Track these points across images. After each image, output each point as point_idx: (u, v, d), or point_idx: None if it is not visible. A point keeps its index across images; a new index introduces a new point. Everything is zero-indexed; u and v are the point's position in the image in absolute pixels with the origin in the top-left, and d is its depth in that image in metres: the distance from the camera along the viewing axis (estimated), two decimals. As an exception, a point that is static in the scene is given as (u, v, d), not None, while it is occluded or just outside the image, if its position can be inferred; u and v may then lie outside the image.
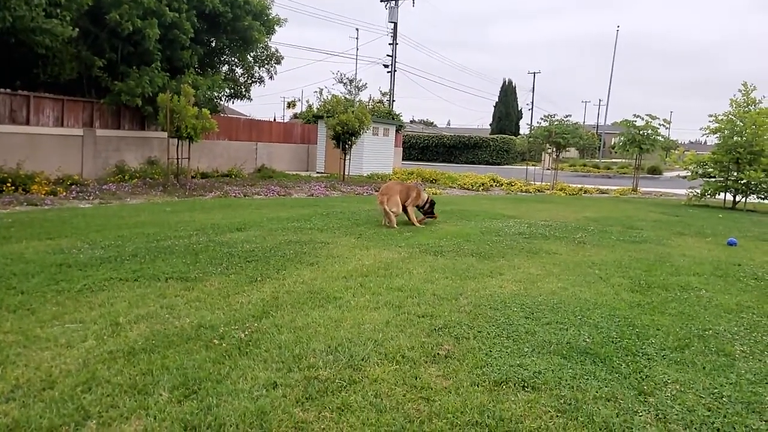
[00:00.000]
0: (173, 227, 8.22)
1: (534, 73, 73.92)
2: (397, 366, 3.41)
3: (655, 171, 41.30)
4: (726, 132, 16.54)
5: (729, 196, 16.88)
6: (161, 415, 2.72)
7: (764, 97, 16.80)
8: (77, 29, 12.83)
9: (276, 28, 19.62)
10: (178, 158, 14.77)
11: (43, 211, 9.87)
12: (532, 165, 29.12)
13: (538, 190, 20.27)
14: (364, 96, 30.30)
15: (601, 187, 23.14)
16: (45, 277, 5.07)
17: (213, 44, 18.73)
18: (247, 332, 3.86)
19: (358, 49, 53.88)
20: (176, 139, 14.49)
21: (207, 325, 3.96)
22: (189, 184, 14.65)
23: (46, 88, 14.59)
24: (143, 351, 3.47)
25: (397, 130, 27.39)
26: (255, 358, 3.43)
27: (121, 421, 2.66)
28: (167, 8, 14.58)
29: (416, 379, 3.25)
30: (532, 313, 4.55)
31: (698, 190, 17.07)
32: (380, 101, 32.62)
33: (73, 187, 12.82)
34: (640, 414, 2.96)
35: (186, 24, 15.29)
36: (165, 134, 14.89)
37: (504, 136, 51.78)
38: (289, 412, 2.79)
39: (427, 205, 9.76)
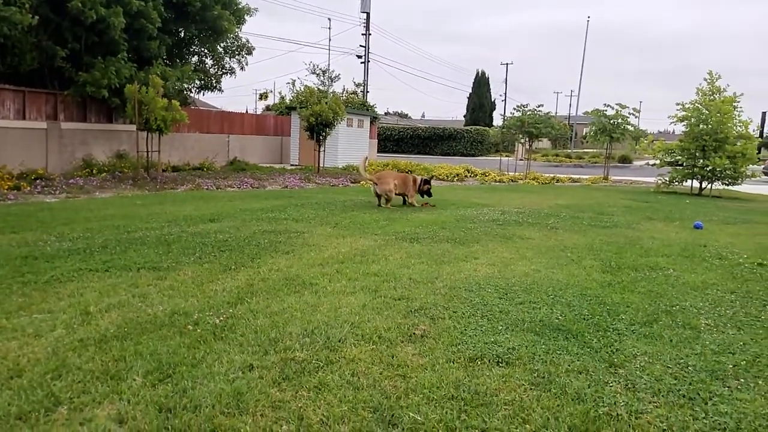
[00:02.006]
0: (144, 219, 8.08)
1: (507, 64, 74.62)
2: (374, 346, 3.43)
3: (625, 160, 42.12)
4: (692, 120, 16.93)
5: (696, 183, 17.32)
6: (135, 398, 2.68)
7: (728, 85, 17.28)
8: (37, 17, 12.44)
9: (246, 17, 19.33)
10: (148, 151, 14.48)
11: (6, 205, 9.59)
12: (506, 156, 29.42)
13: (512, 180, 20.49)
14: (337, 87, 30.16)
15: (573, 176, 23.49)
16: (10, 269, 4.94)
17: (182, 34, 18.37)
18: (222, 318, 3.83)
19: (330, 40, 53.59)
20: (146, 132, 14.19)
21: (181, 312, 3.91)
22: (160, 178, 14.40)
23: (5, 79, 14.12)
24: (115, 338, 3.42)
25: (371, 122, 27.32)
26: (231, 343, 3.41)
27: (94, 406, 2.62)
28: (132, -4, 14.23)
29: (393, 357, 3.27)
30: (506, 294, 4.61)
31: (666, 178, 17.47)
32: (354, 92, 32.48)
33: (37, 181, 12.48)
34: (611, 384, 3.04)
35: (153, 13, 14.95)
36: (134, 127, 14.58)
37: (478, 127, 52.08)
38: (265, 392, 2.78)
39: (426, 186, 10.66)
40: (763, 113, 45.26)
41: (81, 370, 2.98)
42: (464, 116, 70.99)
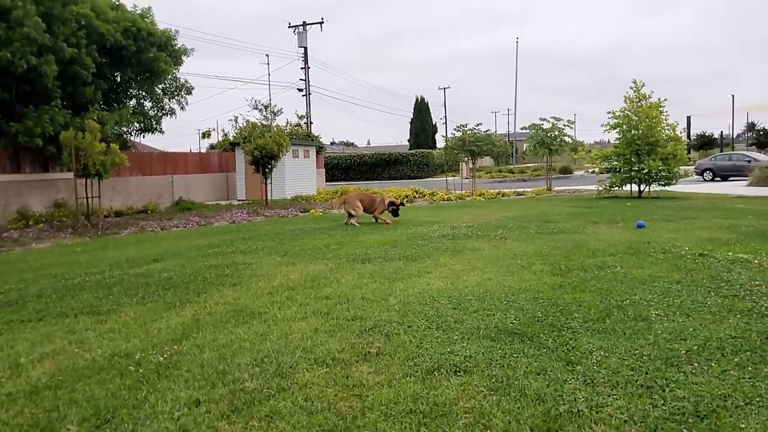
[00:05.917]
0: (84, 265, 7.69)
1: (444, 88, 76.63)
2: (328, 369, 3.31)
3: (566, 171, 43.48)
4: (624, 126, 17.68)
5: (635, 186, 17.99)
6: (68, 449, 2.47)
7: (653, 92, 18.15)
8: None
9: (183, 58, 19.13)
10: (87, 197, 13.92)
11: (-68, 264, 8.95)
12: (452, 176, 29.84)
13: (459, 198, 20.76)
14: (280, 121, 30.04)
15: (517, 189, 24.04)
16: (-68, 328, 4.55)
17: (118, 78, 17.96)
18: (166, 356, 3.62)
19: (270, 75, 53.83)
20: (84, 179, 13.66)
21: (122, 354, 3.68)
22: (101, 224, 13.83)
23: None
24: (48, 388, 3.17)
25: (317, 152, 27.29)
26: (175, 380, 3.21)
27: (21, 463, 2.39)
28: (65, 44, 13.83)
29: (347, 378, 3.15)
30: (460, 304, 4.57)
31: (607, 183, 18.10)
32: (298, 124, 32.45)
33: (-33, 237, 11.76)
34: (569, 382, 3.01)
35: (87, 59, 14.57)
36: (71, 174, 14.00)
37: (422, 150, 52.82)
38: (213, 427, 2.61)
39: (392, 207, 11.57)
40: (688, 117, 48.07)
41: (8, 425, 2.73)
42: (408, 141, 71.83)
